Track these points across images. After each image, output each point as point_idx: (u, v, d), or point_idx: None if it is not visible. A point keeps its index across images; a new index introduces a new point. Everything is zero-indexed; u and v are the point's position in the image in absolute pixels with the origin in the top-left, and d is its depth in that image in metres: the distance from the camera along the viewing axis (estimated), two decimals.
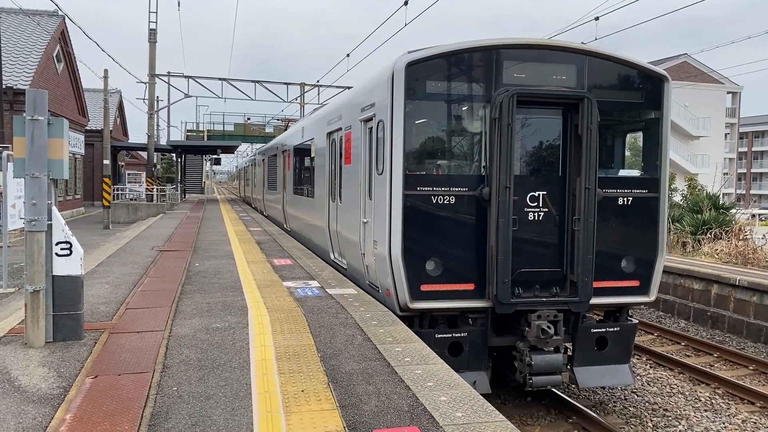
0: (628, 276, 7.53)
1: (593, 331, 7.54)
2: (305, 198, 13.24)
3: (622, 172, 7.99)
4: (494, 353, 7.48)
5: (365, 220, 8.03)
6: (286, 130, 22.74)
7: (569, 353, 7.57)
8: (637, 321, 8.30)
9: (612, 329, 7.66)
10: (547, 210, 7.19)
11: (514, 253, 6.84)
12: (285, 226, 17.03)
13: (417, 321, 7.04)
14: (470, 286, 7.02)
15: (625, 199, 7.52)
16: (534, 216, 7.15)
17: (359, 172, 8.35)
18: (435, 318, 7.15)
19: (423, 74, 7.01)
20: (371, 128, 7.85)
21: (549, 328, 6.87)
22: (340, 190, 9.78)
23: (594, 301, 7.19)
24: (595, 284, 7.13)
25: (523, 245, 7.05)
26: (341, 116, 9.84)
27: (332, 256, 10.43)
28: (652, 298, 7.72)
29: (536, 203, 7.15)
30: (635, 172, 8.02)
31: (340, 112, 10.04)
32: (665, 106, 7.69)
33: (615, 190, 7.46)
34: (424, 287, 6.93)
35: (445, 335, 7.01)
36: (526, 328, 6.98)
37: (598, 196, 7.11)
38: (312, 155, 12.50)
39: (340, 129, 9.78)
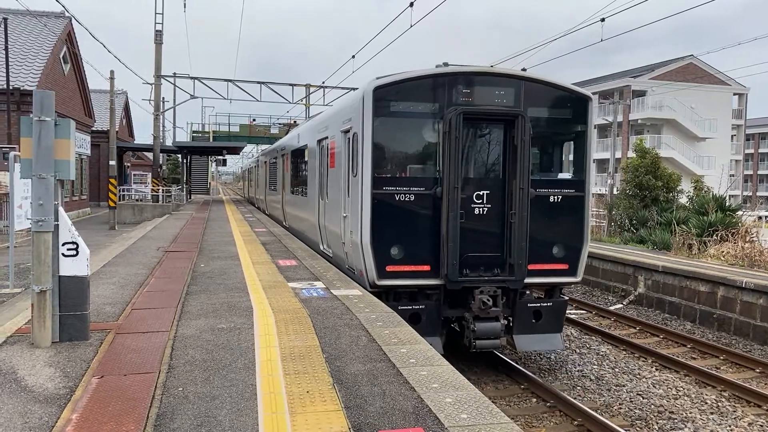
0: (559, 260, 8.98)
1: (530, 305, 9.02)
2: (300, 197, 14.65)
3: (552, 175, 9.45)
4: (448, 322, 8.93)
5: (345, 215, 9.52)
6: (287, 133, 23.93)
7: (510, 323, 8.95)
8: (567, 298, 9.84)
9: (546, 304, 9.12)
10: (490, 206, 8.68)
11: (462, 241, 8.36)
12: (284, 223, 18.29)
13: (384, 296, 8.36)
14: (427, 268, 8.52)
15: (556, 197, 9.00)
16: (479, 210, 8.66)
17: (341, 175, 9.86)
18: (399, 293, 8.62)
19: (388, 96, 8.51)
20: (349, 138, 9.38)
21: (489, 301, 8.37)
22: (327, 189, 11.16)
23: (529, 280, 8.75)
24: (531, 267, 8.66)
25: (470, 234, 8.53)
26: (328, 127, 11.33)
27: (321, 248, 11.89)
28: (578, 278, 9.23)
29: (481, 200, 8.66)
30: (566, 175, 9.47)
31: (327, 123, 11.56)
32: (589, 121, 9.22)
33: (547, 190, 8.93)
34: (389, 268, 8.44)
35: (406, 307, 8.43)
36: (472, 302, 8.44)
37: (531, 194, 8.61)
38: (306, 159, 13.99)
39: (327, 137, 11.25)
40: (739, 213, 18.10)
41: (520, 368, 9.11)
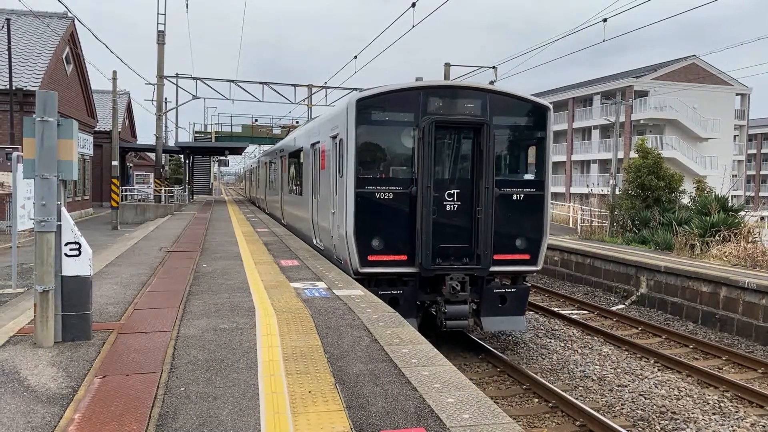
0: (521, 251, 10.00)
1: (496, 291, 10.08)
2: (296, 196, 15.80)
3: (515, 176, 10.47)
4: (423, 306, 9.96)
5: (333, 211, 10.54)
6: (287, 135, 25.12)
7: (478, 307, 10.01)
8: (530, 284, 11.08)
9: (510, 290, 10.23)
10: (459, 203, 9.66)
11: (435, 234, 9.38)
12: (283, 221, 19.44)
13: (366, 282, 9.23)
14: (404, 257, 9.56)
15: (518, 195, 10.02)
16: (450, 207, 9.64)
17: (330, 175, 10.86)
18: (379, 280, 9.61)
19: (369, 107, 9.58)
20: (336, 143, 10.42)
21: (458, 286, 9.47)
22: (319, 188, 12.14)
23: (494, 269, 9.77)
24: (496, 257, 9.66)
25: (442, 228, 9.53)
26: (319, 132, 12.32)
27: (314, 242, 12.89)
28: (539, 267, 10.29)
29: (452, 198, 9.64)
30: (528, 176, 10.44)
31: (318, 129, 12.56)
32: (548, 128, 10.24)
33: (510, 189, 9.97)
34: (371, 257, 9.48)
35: (386, 292, 9.33)
36: (443, 287, 9.50)
37: (496, 193, 9.66)
38: (301, 161, 15.01)
39: (319, 142, 12.25)
40: (742, 213, 18.07)
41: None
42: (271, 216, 23.39)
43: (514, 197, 10.03)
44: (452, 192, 9.68)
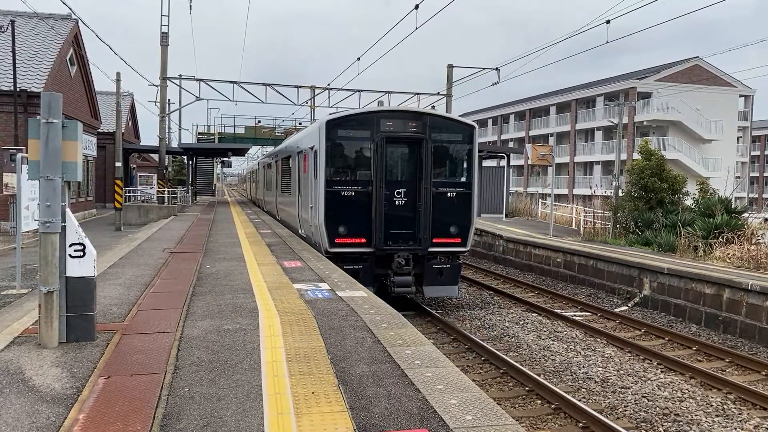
0: (454, 236, 12.69)
1: (435, 266, 12.76)
2: (287, 195, 18.61)
3: (449, 178, 12.94)
4: (378, 277, 12.51)
5: (311, 206, 13.24)
6: (285, 139, 27.68)
7: (421, 279, 12.68)
8: (462, 262, 13.86)
9: (446, 266, 12.88)
10: (406, 199, 12.38)
11: (386, 222, 12.19)
12: (277, 217, 22.40)
13: (334, 259, 11.73)
14: (363, 240, 12.31)
15: (451, 193, 12.70)
16: (398, 202, 12.39)
17: (309, 178, 13.58)
18: (344, 257, 12.13)
19: (336, 126, 12.46)
20: (313, 153, 13.12)
21: (403, 262, 12.25)
22: (301, 188, 15.08)
23: (432, 249, 12.55)
24: (435, 240, 12.48)
25: (392, 218, 12.28)
26: (302, 143, 15.28)
27: (300, 232, 15.59)
28: (468, 248, 13.12)
29: (400, 195, 12.40)
30: (460, 178, 13.02)
31: (302, 140, 15.57)
32: (474, 142, 12.97)
33: (445, 188, 12.66)
34: (337, 240, 12.24)
35: (349, 266, 11.65)
36: (392, 263, 12.24)
37: (433, 192, 12.37)
38: (290, 165, 17.67)
39: (302, 150, 14.98)
40: (745, 215, 18.04)
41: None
42: (269, 214, 25.92)
43: (448, 194, 12.74)
44: (400, 190, 12.47)
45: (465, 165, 13.09)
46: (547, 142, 59.85)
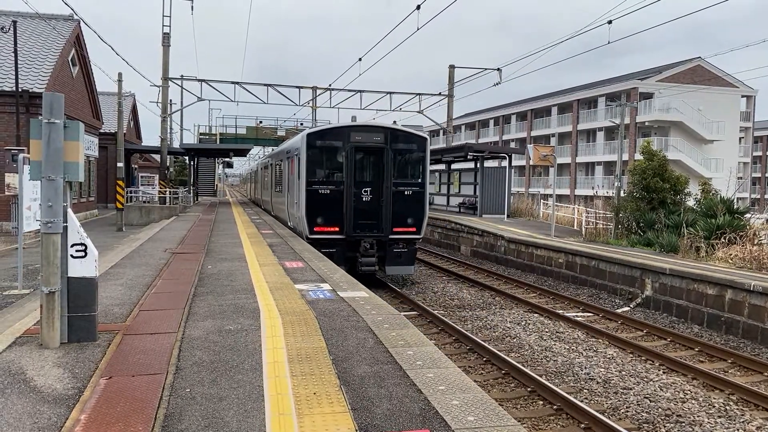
0: (410, 226, 15.59)
1: (395, 250, 15.60)
2: (279, 194, 21.67)
3: (406, 180, 15.72)
4: (349, 259, 15.09)
5: (296, 202, 16.35)
6: (284, 141, 30.34)
7: (384, 260, 15.55)
8: (417, 247, 16.76)
9: (404, 250, 15.75)
10: (371, 196, 15.29)
11: (355, 214, 15.10)
12: (271, 213, 25.63)
13: (313, 244, 14.41)
14: (336, 228, 15.17)
15: (408, 191, 15.55)
16: (365, 198, 15.27)
17: (295, 179, 16.69)
18: (322, 243, 14.74)
19: (314, 138, 15.45)
20: (297, 159, 16.19)
21: (369, 246, 15.08)
22: (289, 187, 18.22)
23: (393, 237, 15.42)
24: (395, 229, 15.37)
25: (360, 211, 15.19)
26: (290, 150, 18.33)
27: (289, 224, 18.48)
28: (421, 236, 16.02)
29: (366, 192, 15.28)
30: (418, 179, 15.90)
31: (290, 147, 18.63)
32: (427, 150, 15.98)
33: (402, 188, 15.49)
34: (316, 229, 15.12)
35: (326, 250, 14.12)
36: (360, 247, 15.07)
37: (393, 190, 15.27)
38: (281, 168, 20.78)
39: (290, 156, 18.04)
40: (747, 216, 18.00)
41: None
42: (265, 210, 29.02)
43: (405, 192, 15.57)
44: (366, 189, 15.34)
45: (419, 169, 15.96)
46: (548, 143, 59.86)
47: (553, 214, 22.49)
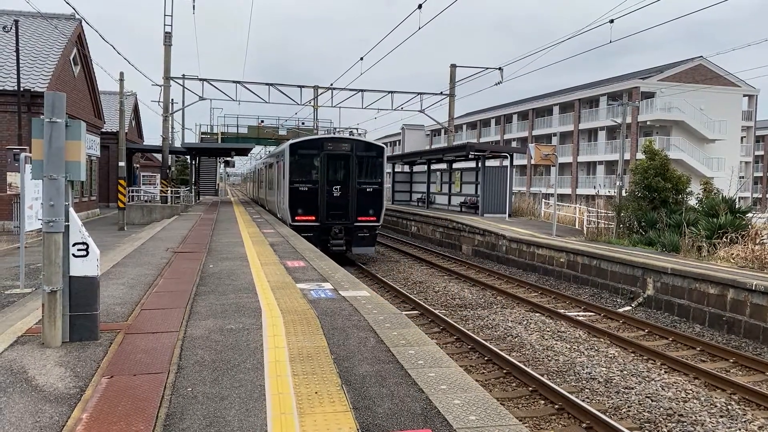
0: (371, 215, 19.51)
1: (360, 235, 19.37)
2: (271, 191, 26.29)
3: (368, 179, 19.81)
4: (322, 242, 18.73)
5: (282, 197, 20.23)
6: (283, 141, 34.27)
7: (350, 242, 19.44)
8: (378, 232, 20.80)
9: (366, 234, 19.53)
10: (341, 192, 19.26)
11: (327, 207, 19.18)
12: (266, 207, 29.71)
13: (295, 229, 18.05)
14: (313, 218, 19.13)
15: (369, 188, 19.50)
16: (336, 194, 19.27)
17: (281, 178, 20.62)
18: (301, 228, 18.34)
19: (296, 147, 19.61)
20: (283, 163, 19.97)
21: (338, 232, 19.14)
22: (278, 185, 22.36)
23: (357, 224, 19.33)
24: (359, 218, 19.35)
25: (331, 204, 19.19)
26: (279, 155, 22.41)
27: (278, 215, 22.56)
28: (380, 223, 19.97)
29: (337, 189, 19.27)
30: (378, 179, 19.88)
31: (279, 153, 22.72)
32: (384, 157, 20.06)
33: (365, 186, 19.46)
34: (297, 218, 19.04)
35: (305, 234, 17.31)
36: (331, 232, 19.03)
37: (357, 188, 19.35)
38: (273, 170, 25.07)
39: (278, 161, 22.20)
40: (749, 215, 17.96)
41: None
42: (261, 206, 33.35)
43: (367, 190, 19.73)
44: (336, 187, 19.51)
45: (378, 171, 20.08)
46: (550, 142, 59.78)
47: (555, 214, 22.48)
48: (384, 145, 20.65)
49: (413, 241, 28.51)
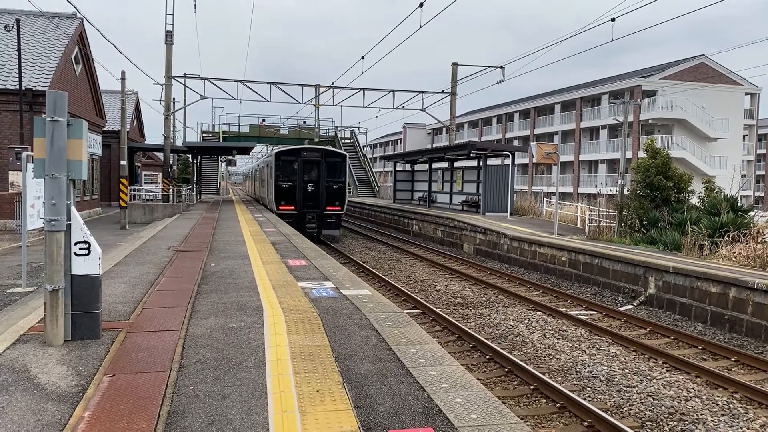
0: (337, 206, 25.96)
1: (328, 221, 25.84)
2: (263, 188, 31.86)
3: (334, 179, 25.96)
4: (301, 226, 24.18)
5: (270, 191, 26.93)
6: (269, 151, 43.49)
7: (320, 226, 25.74)
8: (342, 218, 28.03)
9: (333, 220, 26.02)
10: (314, 188, 25.70)
11: (304, 199, 25.60)
12: (259, 202, 35.21)
13: (279, 215, 24.73)
14: (293, 207, 25.47)
15: (335, 185, 26.00)
16: (310, 189, 25.66)
17: (270, 179, 27.13)
18: (283, 215, 24.89)
19: (280, 155, 26.19)
20: (271, 166, 27.07)
21: (312, 218, 25.60)
22: (267, 183, 28.38)
23: (326, 212, 25.77)
24: (327, 208, 25.77)
25: (307, 197, 25.63)
26: (268, 160, 29.19)
27: (267, 206, 28.18)
28: (344, 211, 26.66)
29: (311, 186, 25.69)
30: (342, 178, 26.20)
31: (268, 158, 29.71)
32: (347, 162, 26.91)
33: (332, 183, 25.90)
34: (280, 207, 25.46)
35: (287, 220, 23.48)
36: (306, 218, 25.48)
37: (326, 185, 25.80)
38: (266, 171, 30.17)
39: (268, 164, 28.56)
40: (751, 214, 17.93)
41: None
42: (256, 200, 39.57)
43: (333, 186, 25.64)
44: (310, 184, 25.27)
45: (342, 172, 26.09)
46: (551, 141, 59.71)
47: (556, 212, 22.47)
48: (346, 153, 27.41)
49: (415, 239, 28.52)
